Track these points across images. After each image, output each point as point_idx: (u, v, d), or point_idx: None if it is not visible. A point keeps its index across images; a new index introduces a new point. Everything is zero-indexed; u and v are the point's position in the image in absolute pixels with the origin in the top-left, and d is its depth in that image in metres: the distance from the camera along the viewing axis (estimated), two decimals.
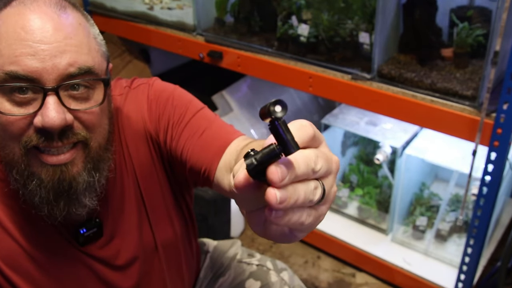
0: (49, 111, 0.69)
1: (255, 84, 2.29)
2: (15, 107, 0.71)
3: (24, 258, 0.81)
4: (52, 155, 0.73)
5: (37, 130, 0.71)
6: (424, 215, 1.94)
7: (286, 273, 1.21)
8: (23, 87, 0.69)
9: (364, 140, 2.15)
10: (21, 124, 0.71)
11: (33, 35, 0.70)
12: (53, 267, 0.85)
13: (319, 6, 1.67)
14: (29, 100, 0.71)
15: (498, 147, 1.37)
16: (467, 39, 1.46)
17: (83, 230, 0.83)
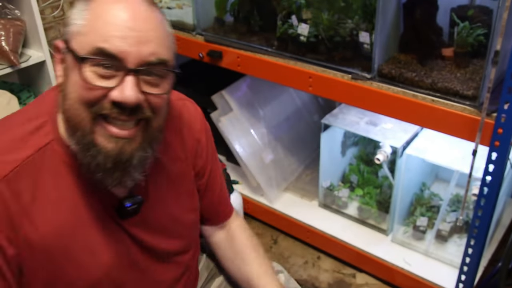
0: (127, 89, 0.79)
1: (255, 83, 2.28)
2: (96, 78, 0.79)
3: (75, 228, 0.86)
4: (117, 127, 0.82)
5: (112, 103, 0.80)
6: (424, 215, 1.94)
7: (282, 275, 1.22)
8: (110, 63, 0.79)
9: (364, 140, 2.15)
10: (98, 94, 0.80)
11: (126, 21, 0.79)
12: (97, 238, 0.90)
13: (319, 6, 1.66)
14: (110, 75, 0.80)
15: (499, 147, 1.36)
16: (468, 39, 1.46)
17: (128, 205, 0.91)
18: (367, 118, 2.00)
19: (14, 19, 2.00)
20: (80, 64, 0.79)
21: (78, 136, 0.82)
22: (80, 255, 0.88)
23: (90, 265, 0.90)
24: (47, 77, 2.13)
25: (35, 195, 0.83)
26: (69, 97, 0.82)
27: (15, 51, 1.97)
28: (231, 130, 2.13)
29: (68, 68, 0.82)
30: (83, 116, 0.81)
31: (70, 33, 0.82)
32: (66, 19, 0.85)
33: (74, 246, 0.87)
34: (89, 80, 0.79)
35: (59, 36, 2.42)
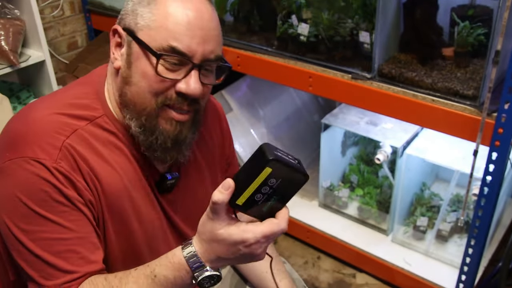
0: (193, 82, 0.89)
1: (254, 83, 2.28)
2: (166, 71, 0.88)
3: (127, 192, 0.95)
4: (178, 113, 0.92)
5: (178, 93, 0.90)
6: (424, 215, 1.94)
7: (285, 266, 1.23)
8: (179, 60, 0.88)
9: (365, 140, 2.14)
10: (166, 85, 0.89)
11: (194, 20, 0.88)
12: (142, 207, 0.98)
13: (319, 5, 1.66)
14: (177, 69, 0.89)
15: (499, 147, 1.36)
16: (468, 38, 1.46)
17: (169, 177, 1.00)
18: (367, 118, 2.00)
19: (14, 19, 2.00)
20: (156, 59, 0.87)
21: (142, 120, 0.92)
22: (131, 218, 0.96)
23: (138, 230, 0.97)
24: (47, 77, 2.12)
25: (96, 159, 0.91)
26: (136, 85, 0.91)
27: (14, 50, 1.97)
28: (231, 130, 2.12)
29: (133, 56, 0.90)
30: (150, 104, 0.91)
31: (136, 24, 0.89)
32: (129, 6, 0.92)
33: (128, 208, 0.95)
34: (161, 73, 0.88)
35: (59, 36, 2.41)
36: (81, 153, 0.89)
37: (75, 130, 0.90)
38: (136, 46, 0.89)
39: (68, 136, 0.89)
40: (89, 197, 0.89)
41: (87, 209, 0.89)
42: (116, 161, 0.94)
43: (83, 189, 0.88)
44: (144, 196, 0.98)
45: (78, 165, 0.88)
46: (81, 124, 0.91)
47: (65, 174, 0.86)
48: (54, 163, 0.86)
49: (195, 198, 1.08)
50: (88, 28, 2.49)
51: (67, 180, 0.87)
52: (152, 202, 1.00)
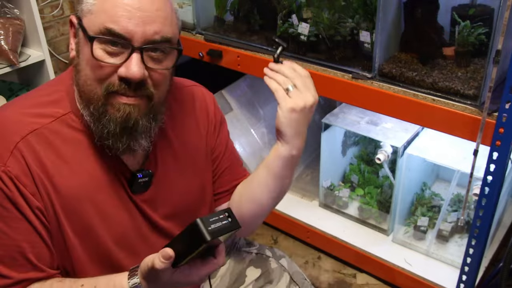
0: (133, 65, 0.86)
1: (254, 83, 2.28)
2: (105, 55, 0.86)
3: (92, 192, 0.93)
4: (125, 97, 0.89)
5: (120, 78, 0.87)
6: (425, 215, 1.93)
7: (284, 260, 1.27)
8: (116, 42, 0.86)
9: (365, 139, 2.14)
10: (107, 70, 0.87)
11: (133, 2, 0.85)
12: (110, 206, 0.96)
13: (320, 5, 1.66)
14: (118, 52, 0.87)
15: (500, 146, 1.36)
16: (469, 38, 1.45)
17: (140, 175, 0.97)
18: (368, 118, 1.99)
19: (13, 18, 2.00)
20: (90, 42, 0.86)
21: (91, 109, 0.90)
22: (94, 220, 0.94)
23: (103, 231, 0.96)
24: (47, 76, 2.12)
25: (54, 160, 0.89)
26: (82, 73, 0.89)
27: (14, 50, 1.96)
28: (231, 130, 2.10)
29: (80, 44, 0.89)
30: (95, 92, 0.89)
31: (82, 10, 0.88)
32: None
33: (89, 210, 0.93)
34: (99, 58, 0.86)
35: (58, 35, 2.41)
36: (38, 153, 0.88)
37: (34, 129, 0.89)
38: (81, 32, 0.88)
39: (24, 137, 0.88)
40: (37, 204, 0.88)
41: (34, 216, 0.88)
42: (79, 161, 0.92)
43: (30, 196, 0.87)
44: (112, 197, 0.96)
45: (30, 169, 0.87)
46: (44, 122, 0.90)
47: (12, 179, 0.85)
48: (3, 166, 0.85)
49: (176, 191, 1.07)
50: None
51: (14, 186, 0.86)
52: (123, 202, 0.98)
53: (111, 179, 0.96)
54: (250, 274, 1.24)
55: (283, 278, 1.24)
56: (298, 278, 1.26)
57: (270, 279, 1.24)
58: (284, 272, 1.25)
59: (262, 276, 1.24)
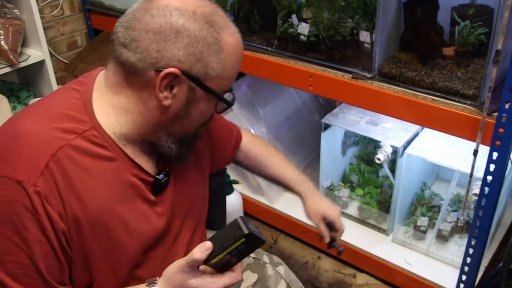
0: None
1: (254, 83, 2.27)
2: (215, 105, 0.98)
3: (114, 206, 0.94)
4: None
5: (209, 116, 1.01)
6: (425, 215, 1.93)
7: (282, 267, 1.27)
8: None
9: (365, 139, 2.14)
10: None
11: (241, 60, 0.97)
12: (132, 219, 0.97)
13: (320, 5, 1.66)
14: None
15: (500, 146, 1.36)
16: (469, 38, 1.45)
17: (163, 176, 1.01)
18: (368, 118, 1.99)
19: (13, 18, 2.00)
20: (214, 99, 0.95)
21: (183, 140, 1.00)
22: (120, 232, 0.95)
23: (127, 242, 0.97)
24: (47, 77, 2.12)
25: (82, 176, 0.90)
26: (193, 120, 0.97)
27: (14, 50, 1.96)
28: None
29: (195, 98, 0.93)
30: (195, 129, 1.01)
31: (205, 73, 0.90)
32: (188, 50, 0.89)
33: (115, 223, 0.94)
34: (213, 109, 0.98)
35: (58, 35, 2.41)
36: (66, 170, 0.88)
37: (62, 146, 0.88)
38: (200, 91, 0.92)
39: (54, 155, 0.87)
40: (62, 227, 0.87)
41: (56, 240, 0.87)
42: (104, 175, 0.93)
43: (56, 218, 0.87)
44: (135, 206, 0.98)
45: (58, 188, 0.87)
46: (69, 138, 0.89)
47: (42, 200, 0.85)
48: (33, 186, 0.84)
49: (188, 186, 1.11)
50: (88, 27, 2.49)
51: (43, 208, 0.85)
52: (145, 211, 1.00)
53: (132, 190, 0.97)
54: (247, 278, 1.24)
55: (279, 286, 1.24)
56: (295, 286, 1.26)
57: (267, 286, 1.23)
58: (280, 279, 1.25)
59: (259, 282, 1.24)
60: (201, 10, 0.88)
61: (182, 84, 0.90)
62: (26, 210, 0.84)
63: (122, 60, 0.90)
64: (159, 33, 0.86)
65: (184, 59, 0.87)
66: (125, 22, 0.90)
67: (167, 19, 0.86)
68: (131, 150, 0.97)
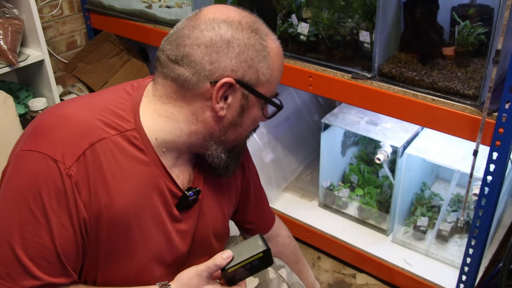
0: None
1: None
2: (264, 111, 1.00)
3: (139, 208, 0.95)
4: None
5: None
6: (425, 215, 1.93)
7: (284, 270, 1.26)
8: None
9: (365, 139, 2.14)
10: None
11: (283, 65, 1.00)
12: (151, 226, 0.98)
13: (319, 5, 1.65)
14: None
15: (500, 146, 1.36)
16: (469, 38, 1.45)
17: (191, 194, 1.01)
18: (368, 118, 1.99)
19: (12, 18, 1.99)
20: (261, 103, 0.98)
21: (234, 149, 1.02)
22: (136, 236, 0.96)
23: (141, 248, 0.98)
24: (46, 76, 2.12)
25: (115, 173, 0.90)
26: (245, 128, 0.99)
27: (13, 50, 1.96)
28: None
29: (248, 105, 0.96)
30: (246, 137, 1.04)
31: (257, 79, 0.94)
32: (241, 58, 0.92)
33: (134, 227, 0.95)
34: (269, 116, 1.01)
35: (58, 35, 2.41)
36: (101, 163, 0.89)
37: (102, 138, 0.89)
38: (253, 97, 0.95)
39: (93, 144, 0.88)
40: (84, 215, 0.88)
41: (78, 227, 0.89)
42: (136, 178, 0.93)
43: (81, 206, 0.88)
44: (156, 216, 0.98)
45: (89, 178, 0.88)
46: (111, 133, 0.91)
47: (72, 185, 0.86)
48: (68, 169, 0.85)
49: (213, 211, 1.10)
50: (87, 27, 2.49)
51: (71, 192, 0.86)
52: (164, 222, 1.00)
53: (158, 199, 0.98)
54: (249, 282, 1.22)
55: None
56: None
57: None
58: (282, 283, 1.24)
59: (260, 286, 1.23)
60: (245, 20, 0.92)
61: (236, 93, 0.93)
62: (56, 190, 0.85)
63: (173, 76, 0.92)
64: (211, 45, 0.89)
65: (237, 68, 0.91)
66: (174, 40, 0.92)
67: (216, 31, 0.89)
68: (168, 160, 0.97)
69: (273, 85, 0.98)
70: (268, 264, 0.99)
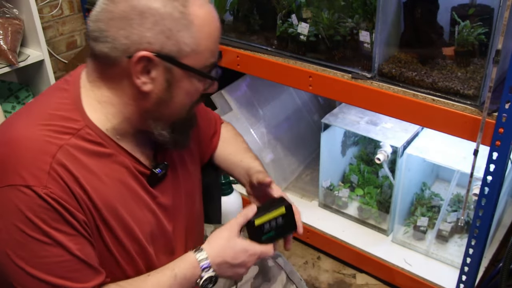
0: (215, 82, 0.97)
1: (254, 83, 2.27)
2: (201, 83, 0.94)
3: (117, 202, 0.95)
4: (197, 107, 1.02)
5: (201, 94, 0.97)
6: (425, 215, 1.93)
7: (281, 259, 1.32)
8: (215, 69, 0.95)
9: (365, 139, 2.14)
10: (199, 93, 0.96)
11: (218, 31, 0.93)
12: (137, 210, 0.99)
13: (319, 4, 1.65)
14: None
15: (500, 146, 1.35)
16: (469, 38, 1.45)
17: (159, 170, 1.01)
18: (367, 118, 1.99)
19: (12, 18, 1.99)
20: (196, 77, 0.92)
21: (176, 125, 0.97)
22: (130, 223, 0.97)
23: (138, 233, 0.99)
24: (46, 76, 2.12)
25: (85, 174, 0.90)
26: (178, 103, 0.94)
27: (13, 50, 1.96)
28: None
29: (174, 79, 0.90)
30: (185, 112, 0.97)
31: (179, 50, 0.88)
32: (155, 30, 0.86)
33: (124, 216, 0.96)
34: (201, 88, 0.94)
35: (58, 35, 2.41)
36: (71, 170, 0.87)
37: (60, 146, 0.87)
38: (178, 70, 0.89)
39: (55, 155, 0.86)
40: (82, 218, 0.89)
41: (83, 229, 0.89)
42: (104, 171, 0.93)
43: (76, 212, 0.87)
44: (138, 199, 0.99)
45: (69, 186, 0.87)
46: (65, 138, 0.89)
47: (57, 200, 0.85)
48: (45, 188, 0.84)
49: (183, 178, 1.11)
50: (87, 27, 2.49)
51: (60, 205, 0.85)
52: (146, 202, 1.01)
53: (134, 182, 0.98)
54: (248, 271, 1.25)
55: (280, 277, 1.27)
56: (294, 277, 1.29)
57: (268, 277, 1.26)
58: (281, 270, 1.28)
59: (260, 274, 1.26)
60: None
61: (158, 66, 0.88)
62: (45, 210, 0.84)
63: (96, 53, 0.89)
64: (124, 18, 0.85)
65: (153, 40, 0.86)
66: (94, 15, 0.89)
67: (129, 2, 0.85)
68: (127, 144, 0.96)
69: (203, 55, 0.90)
70: (291, 227, 1.09)
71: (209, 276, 0.99)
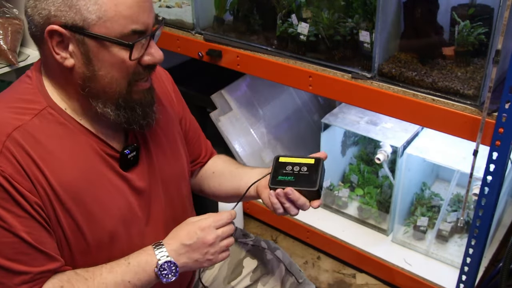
0: (156, 51, 0.93)
1: (254, 83, 2.27)
2: (128, 53, 0.89)
3: (80, 186, 0.93)
4: (145, 82, 0.96)
5: (145, 66, 0.93)
6: (425, 215, 1.93)
7: (279, 251, 1.32)
8: (142, 38, 0.89)
9: (365, 139, 2.14)
10: (134, 64, 0.91)
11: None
12: (104, 194, 0.97)
13: (319, 4, 1.65)
14: (139, 46, 0.90)
15: (500, 146, 1.35)
16: (469, 38, 1.45)
17: (127, 151, 1.00)
18: (367, 118, 1.99)
19: (12, 18, 1.99)
20: (116, 47, 0.88)
21: (120, 102, 0.93)
22: (94, 208, 0.95)
23: (103, 218, 0.97)
24: None
25: (43, 155, 0.89)
26: (106, 77, 0.90)
27: (13, 50, 1.96)
28: (231, 130, 2.12)
29: (91, 51, 0.88)
30: (122, 86, 0.92)
31: (83, 19, 0.85)
32: (58, 2, 0.86)
33: (87, 201, 0.94)
34: (133, 58, 0.89)
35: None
36: (27, 151, 0.88)
37: (18, 126, 0.88)
38: (92, 41, 0.87)
39: (10, 134, 0.87)
40: (35, 199, 0.88)
41: (35, 212, 0.88)
42: (67, 153, 0.92)
43: (27, 193, 0.87)
44: (105, 182, 0.97)
45: (22, 166, 0.87)
46: (25, 119, 0.90)
47: (7, 178, 0.85)
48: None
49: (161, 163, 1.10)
50: None
51: (10, 185, 0.85)
52: (116, 185, 0.99)
53: (101, 165, 0.97)
54: (247, 265, 1.27)
55: (278, 269, 1.27)
56: (293, 268, 1.30)
57: (267, 270, 1.26)
58: (279, 263, 1.28)
59: (259, 267, 1.27)
60: None
61: (71, 39, 0.87)
62: None
63: (30, 34, 0.91)
64: None
65: (57, 13, 0.85)
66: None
67: None
68: (92, 125, 0.96)
69: (117, 22, 0.86)
70: (311, 183, 1.04)
71: (165, 261, 0.96)
